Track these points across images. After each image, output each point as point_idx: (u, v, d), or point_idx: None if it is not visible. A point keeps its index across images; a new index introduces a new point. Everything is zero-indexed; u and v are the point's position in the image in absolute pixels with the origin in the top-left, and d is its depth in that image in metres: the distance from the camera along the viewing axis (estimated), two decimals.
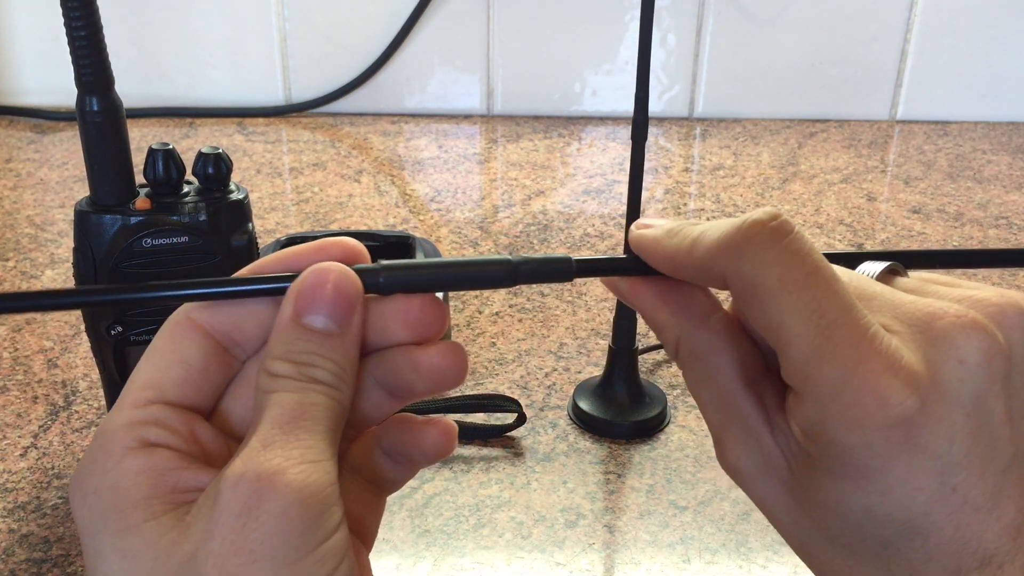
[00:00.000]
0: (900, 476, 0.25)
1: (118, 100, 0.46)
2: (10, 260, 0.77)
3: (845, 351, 0.24)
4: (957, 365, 0.25)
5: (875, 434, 0.24)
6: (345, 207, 0.88)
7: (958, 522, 0.25)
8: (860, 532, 0.26)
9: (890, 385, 0.24)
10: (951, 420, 0.25)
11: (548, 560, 0.48)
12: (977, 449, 0.25)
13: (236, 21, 1.08)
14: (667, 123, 1.10)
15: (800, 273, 0.25)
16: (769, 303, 0.25)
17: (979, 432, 0.25)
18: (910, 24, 1.08)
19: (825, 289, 0.25)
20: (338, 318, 0.26)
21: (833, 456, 0.25)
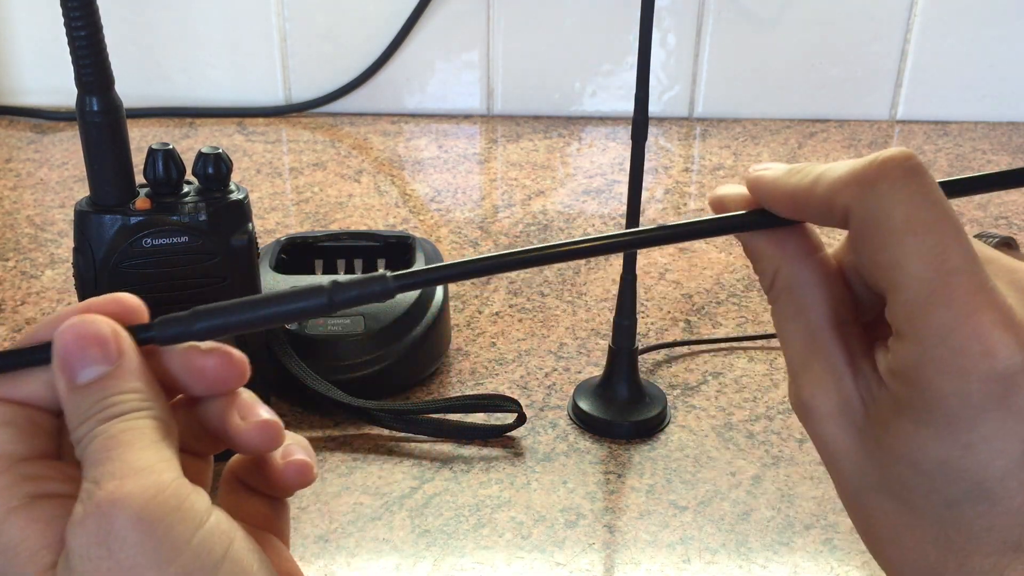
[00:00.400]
0: (987, 433, 0.25)
1: (118, 100, 0.46)
2: (10, 260, 0.77)
3: (962, 297, 0.24)
4: None
5: (974, 384, 0.24)
6: (345, 207, 0.88)
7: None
8: (929, 486, 0.26)
9: (1001, 338, 0.24)
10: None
11: (548, 560, 0.48)
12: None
13: (236, 21, 1.08)
14: (667, 123, 1.10)
15: (929, 215, 0.24)
16: (891, 240, 0.25)
17: None
18: (910, 24, 1.08)
19: (952, 235, 0.24)
20: (102, 358, 0.26)
21: (924, 402, 0.25)
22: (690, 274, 0.76)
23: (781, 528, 0.50)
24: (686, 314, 0.70)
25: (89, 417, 0.26)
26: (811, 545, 0.49)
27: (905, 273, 0.25)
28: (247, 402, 0.29)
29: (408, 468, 0.54)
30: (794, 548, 0.49)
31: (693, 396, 0.61)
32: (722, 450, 0.56)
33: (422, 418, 0.57)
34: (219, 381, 0.29)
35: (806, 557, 0.48)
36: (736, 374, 0.63)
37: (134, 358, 0.27)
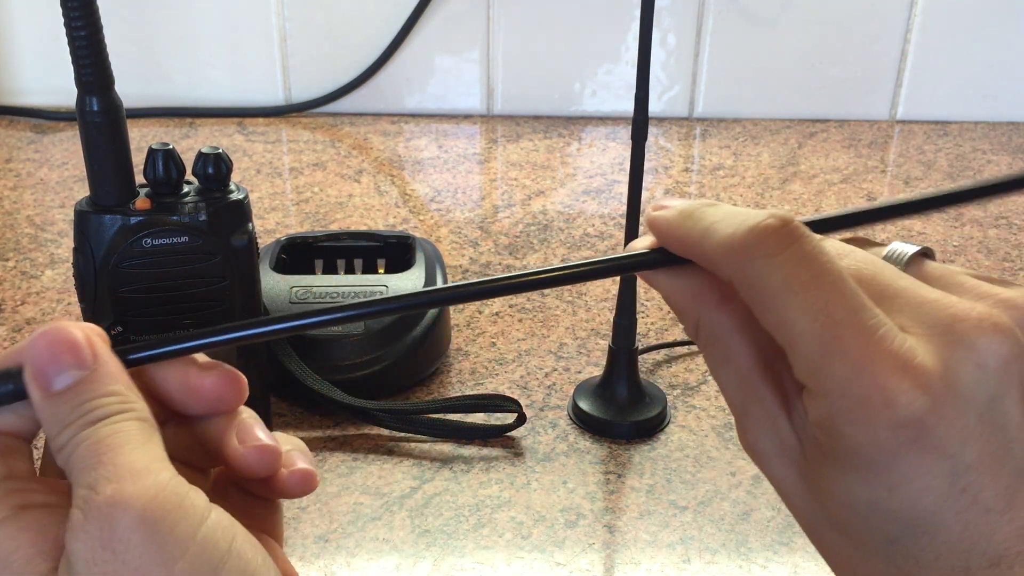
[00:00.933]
0: (908, 474, 0.25)
1: (118, 100, 0.46)
2: (10, 260, 0.77)
3: (853, 350, 0.24)
4: (975, 368, 0.25)
5: (883, 432, 0.24)
6: (345, 207, 0.88)
7: (967, 522, 0.25)
8: (866, 525, 0.26)
9: (899, 385, 0.24)
10: (964, 422, 0.25)
11: (548, 560, 0.48)
12: (990, 451, 0.25)
13: (236, 21, 1.08)
14: (667, 123, 1.10)
15: (807, 274, 0.25)
16: (775, 303, 0.25)
17: (993, 435, 0.25)
18: (910, 24, 1.08)
19: (832, 289, 0.25)
20: (77, 364, 0.26)
21: (843, 450, 0.25)
22: None
23: (781, 528, 0.50)
24: None
25: (70, 423, 0.26)
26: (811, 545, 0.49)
27: (795, 332, 0.25)
28: (246, 424, 0.29)
29: (408, 468, 0.54)
30: (794, 548, 0.49)
31: (693, 396, 0.61)
32: (722, 450, 0.56)
33: (422, 418, 0.57)
34: (217, 400, 0.29)
35: (806, 557, 0.48)
36: None
37: (111, 362, 0.27)
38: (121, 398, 0.27)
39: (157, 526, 0.24)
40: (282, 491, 0.30)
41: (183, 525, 0.25)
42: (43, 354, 0.26)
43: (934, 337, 0.25)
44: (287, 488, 0.30)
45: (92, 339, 0.27)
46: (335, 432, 0.57)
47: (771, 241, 0.25)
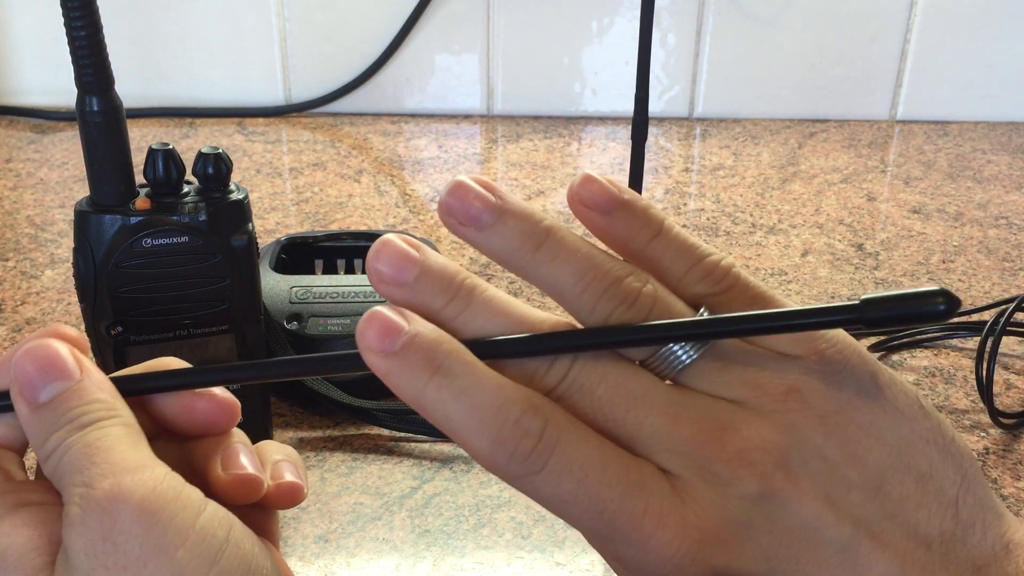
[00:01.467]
0: None
1: (118, 100, 0.46)
2: (10, 260, 0.77)
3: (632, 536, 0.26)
4: (739, 501, 0.26)
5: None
6: (345, 207, 0.88)
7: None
8: None
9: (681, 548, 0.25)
10: (756, 544, 0.26)
11: (548, 560, 0.48)
12: (802, 549, 0.26)
13: (236, 21, 1.08)
14: (667, 123, 1.10)
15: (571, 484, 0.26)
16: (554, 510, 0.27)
17: (794, 536, 0.26)
18: (910, 24, 1.08)
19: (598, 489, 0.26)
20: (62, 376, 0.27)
21: None
22: None
23: None
24: None
25: (58, 429, 0.26)
26: None
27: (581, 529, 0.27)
28: (232, 450, 0.30)
29: (408, 468, 0.54)
30: None
31: None
32: None
33: (422, 418, 0.57)
34: (208, 424, 0.29)
35: None
36: None
37: (95, 373, 0.28)
38: (107, 404, 0.27)
39: (157, 516, 0.25)
40: (269, 503, 0.30)
41: (182, 515, 0.25)
42: (29, 370, 0.27)
43: (695, 478, 0.26)
44: (273, 501, 0.30)
45: (76, 352, 0.28)
46: (335, 432, 0.57)
47: (530, 463, 0.26)
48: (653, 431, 0.26)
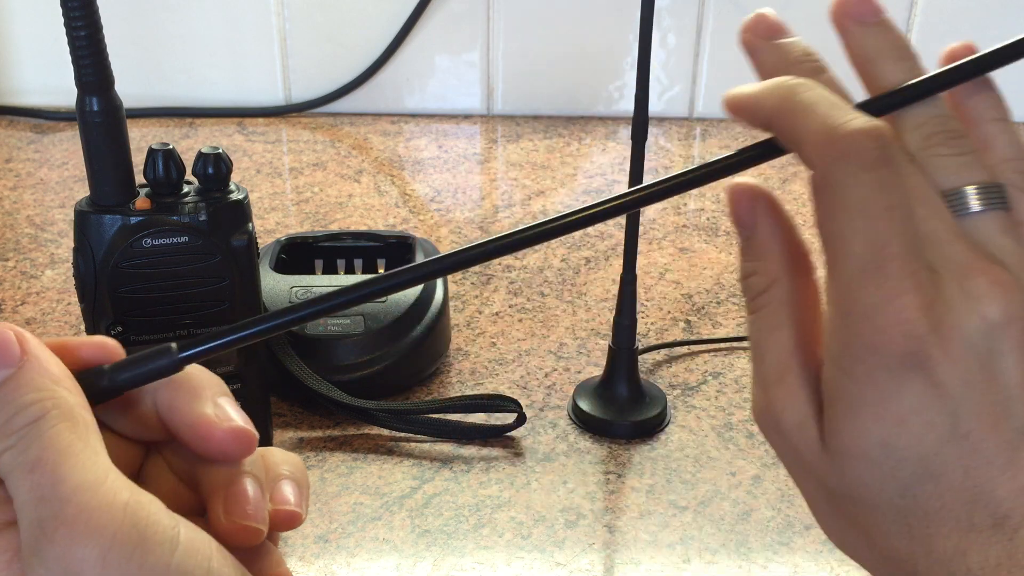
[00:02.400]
0: (914, 405, 0.26)
1: (118, 100, 0.46)
2: (10, 260, 0.77)
3: (890, 281, 0.26)
4: (980, 320, 0.26)
5: (894, 359, 0.26)
6: (345, 207, 0.88)
7: (967, 467, 0.27)
8: (880, 475, 0.27)
9: (918, 322, 0.26)
10: (966, 366, 0.26)
11: (548, 560, 0.48)
12: (990, 401, 0.27)
13: (236, 21, 1.08)
14: (667, 123, 1.10)
15: (881, 204, 0.26)
16: (843, 216, 0.26)
17: (993, 386, 0.27)
18: (910, 24, 1.08)
19: (898, 226, 0.26)
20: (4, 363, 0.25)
21: (857, 384, 0.27)
22: (690, 274, 0.76)
23: (781, 528, 0.50)
24: (686, 314, 0.70)
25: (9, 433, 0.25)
26: (811, 545, 0.49)
27: (847, 249, 0.26)
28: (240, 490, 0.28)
29: (408, 468, 0.54)
30: (794, 548, 0.49)
31: (693, 396, 0.61)
32: (722, 450, 0.56)
33: (422, 418, 0.57)
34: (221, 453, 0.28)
35: (806, 557, 0.48)
36: (736, 374, 0.63)
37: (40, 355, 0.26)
38: (46, 393, 0.25)
39: (127, 563, 0.23)
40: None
41: (153, 556, 0.23)
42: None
43: (953, 282, 0.27)
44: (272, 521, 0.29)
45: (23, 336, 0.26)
46: (335, 432, 0.57)
47: (867, 154, 0.26)
48: (935, 231, 0.27)
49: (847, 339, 0.27)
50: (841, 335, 0.27)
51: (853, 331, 0.26)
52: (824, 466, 0.29)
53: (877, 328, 0.26)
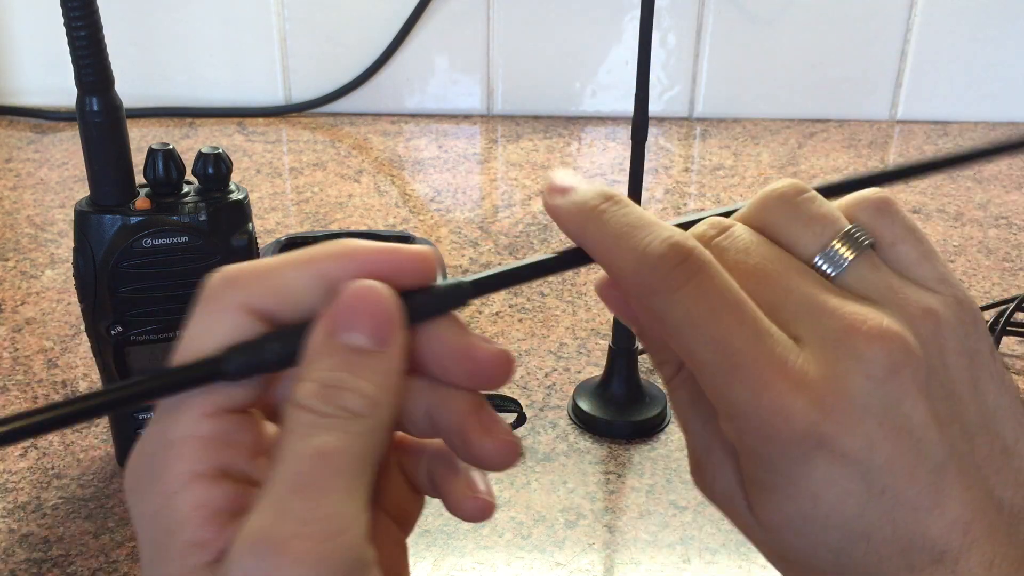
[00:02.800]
0: (823, 481, 0.26)
1: (118, 100, 0.46)
2: (10, 260, 0.77)
3: (751, 376, 0.25)
4: (864, 379, 0.26)
5: (788, 447, 0.26)
6: (345, 207, 0.88)
7: (895, 521, 0.26)
8: (809, 542, 0.27)
9: (794, 403, 0.25)
10: (865, 429, 0.26)
11: (548, 560, 0.48)
12: (900, 454, 0.26)
13: (236, 21, 1.08)
14: (667, 123, 1.10)
15: (706, 308, 0.26)
16: (678, 335, 0.26)
17: (900, 437, 0.26)
18: (910, 24, 1.08)
19: (731, 320, 0.26)
20: (376, 334, 0.24)
21: (762, 469, 0.27)
22: None
23: None
24: None
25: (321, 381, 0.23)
26: None
27: (698, 360, 0.26)
28: (492, 415, 0.27)
29: None
30: None
31: None
32: None
33: None
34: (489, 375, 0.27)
35: None
36: None
37: (400, 355, 0.25)
38: (377, 402, 0.24)
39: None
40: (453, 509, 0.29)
41: None
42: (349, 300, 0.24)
43: (827, 348, 0.26)
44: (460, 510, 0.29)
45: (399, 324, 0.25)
46: None
47: (672, 276, 0.26)
48: (800, 299, 0.27)
49: (738, 436, 0.27)
50: (734, 436, 0.27)
51: (741, 428, 0.26)
52: (758, 534, 0.29)
53: (760, 422, 0.25)
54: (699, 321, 0.26)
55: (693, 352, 0.26)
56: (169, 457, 0.24)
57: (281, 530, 0.22)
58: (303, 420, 0.23)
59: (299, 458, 0.23)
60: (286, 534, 0.22)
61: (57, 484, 0.52)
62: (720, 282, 0.26)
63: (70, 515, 0.50)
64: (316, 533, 0.22)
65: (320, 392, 0.23)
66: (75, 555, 0.47)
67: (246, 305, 0.25)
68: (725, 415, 0.27)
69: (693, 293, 0.26)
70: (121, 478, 0.52)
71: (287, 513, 0.22)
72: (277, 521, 0.22)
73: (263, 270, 0.25)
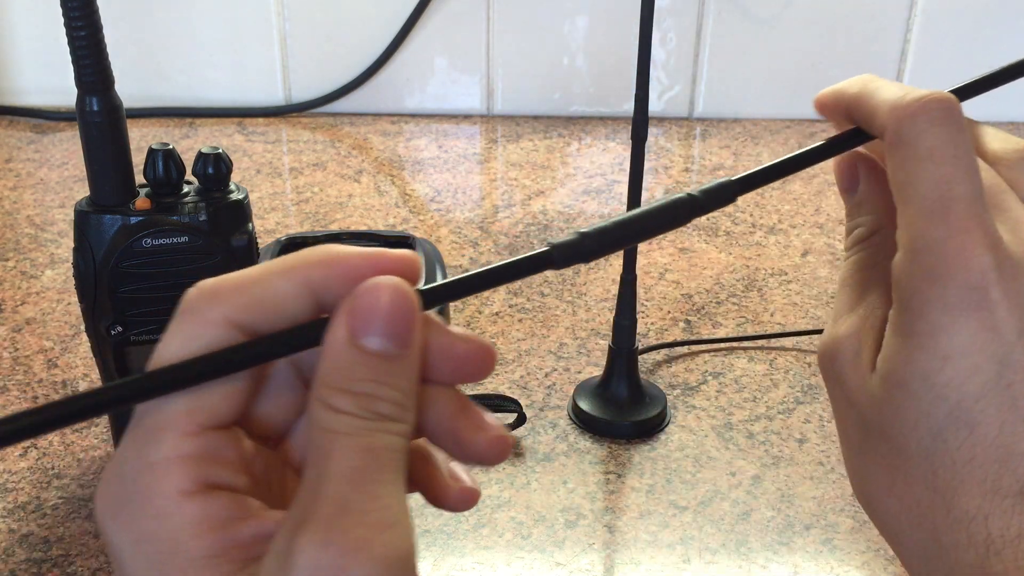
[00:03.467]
0: (963, 344, 0.27)
1: (118, 100, 0.46)
2: (10, 260, 0.77)
3: (955, 219, 0.27)
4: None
5: (952, 291, 0.27)
6: (345, 207, 0.88)
7: (1003, 422, 0.27)
8: (916, 408, 0.28)
9: (981, 256, 0.27)
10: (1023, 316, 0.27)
11: (548, 560, 0.48)
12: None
13: (236, 21, 1.08)
14: (667, 123, 1.10)
15: (951, 150, 0.28)
16: (913, 163, 0.28)
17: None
18: (910, 24, 1.08)
19: (964, 171, 0.28)
20: (399, 338, 0.24)
21: (911, 311, 0.28)
22: (690, 274, 0.76)
23: (781, 528, 0.50)
24: (686, 314, 0.70)
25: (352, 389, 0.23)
26: (811, 545, 0.49)
27: (916, 192, 0.28)
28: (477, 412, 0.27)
29: None
30: (794, 548, 0.49)
31: (693, 396, 0.61)
32: (722, 450, 0.56)
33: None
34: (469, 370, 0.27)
35: (806, 557, 0.48)
36: (736, 374, 0.63)
37: (419, 355, 0.25)
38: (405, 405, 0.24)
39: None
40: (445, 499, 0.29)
41: None
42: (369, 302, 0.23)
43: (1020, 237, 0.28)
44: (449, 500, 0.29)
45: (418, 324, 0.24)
46: None
47: (937, 111, 0.28)
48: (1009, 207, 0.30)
49: (911, 272, 0.28)
50: (906, 270, 0.28)
51: (916, 262, 0.28)
52: (866, 396, 0.29)
53: (939, 260, 0.27)
54: (939, 158, 0.28)
55: (916, 183, 0.28)
56: (154, 479, 0.23)
57: (344, 522, 0.22)
58: (345, 422, 0.23)
59: (352, 454, 0.23)
60: (350, 525, 0.22)
61: (57, 484, 0.52)
62: (967, 139, 0.29)
63: (70, 515, 0.50)
64: (377, 522, 0.22)
65: (356, 401, 0.23)
66: (75, 555, 0.47)
67: (228, 319, 0.24)
68: (910, 248, 0.28)
69: (950, 132, 0.28)
70: None
71: (347, 506, 0.22)
72: (338, 514, 0.22)
73: (245, 282, 0.24)
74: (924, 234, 0.28)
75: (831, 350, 0.31)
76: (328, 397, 0.23)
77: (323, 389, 0.24)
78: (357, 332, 0.23)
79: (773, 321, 0.70)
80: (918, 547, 0.29)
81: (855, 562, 0.48)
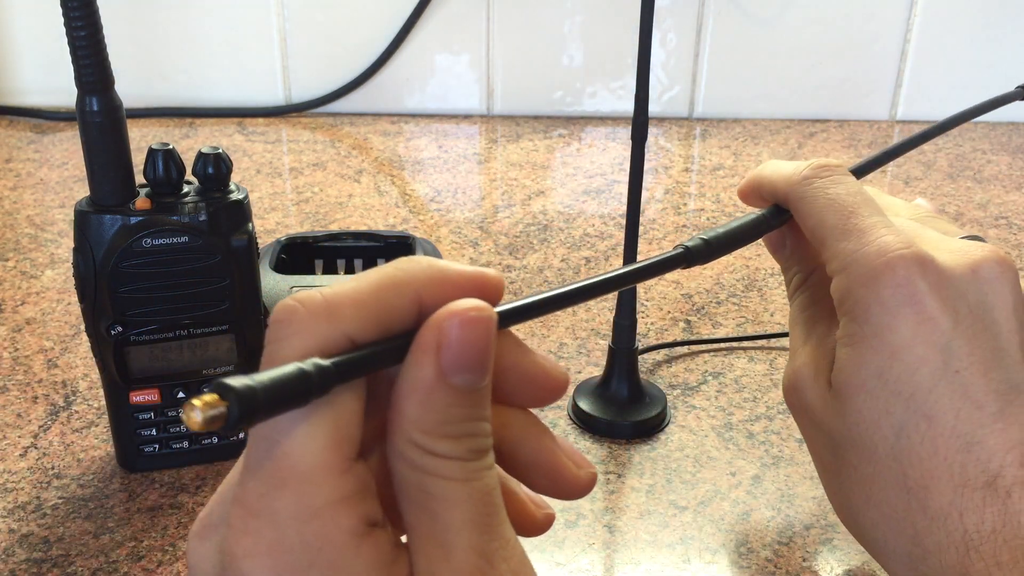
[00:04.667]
0: (907, 337, 0.29)
1: (118, 100, 0.46)
2: (10, 260, 0.77)
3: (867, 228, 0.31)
4: (970, 271, 0.30)
5: (885, 289, 0.29)
6: (345, 207, 0.88)
7: (958, 410, 0.28)
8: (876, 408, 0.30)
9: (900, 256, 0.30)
10: (955, 306, 0.29)
11: (548, 560, 0.48)
12: (980, 346, 0.29)
13: (236, 21, 1.08)
14: (667, 123, 1.10)
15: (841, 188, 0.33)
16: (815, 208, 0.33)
17: (984, 334, 0.29)
18: (910, 24, 1.08)
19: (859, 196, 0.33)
20: (483, 369, 0.23)
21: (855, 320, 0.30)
22: (690, 274, 0.76)
23: (781, 528, 0.50)
24: (686, 314, 0.70)
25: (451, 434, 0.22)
26: (811, 545, 0.49)
27: (825, 225, 0.33)
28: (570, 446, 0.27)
29: None
30: (794, 548, 0.49)
31: (693, 396, 0.61)
32: (722, 450, 0.56)
33: None
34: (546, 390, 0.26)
35: (806, 557, 0.48)
36: (736, 374, 0.63)
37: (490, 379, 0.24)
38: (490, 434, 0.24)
39: None
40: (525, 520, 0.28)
41: None
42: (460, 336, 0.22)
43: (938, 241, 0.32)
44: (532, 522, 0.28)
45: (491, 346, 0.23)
46: None
47: (826, 171, 0.34)
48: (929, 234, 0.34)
49: (847, 286, 0.31)
50: (843, 286, 0.31)
51: (849, 278, 0.30)
52: (830, 411, 0.32)
53: (865, 266, 0.30)
54: (833, 194, 0.33)
55: (823, 219, 0.33)
56: (322, 526, 0.22)
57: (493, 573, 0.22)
58: (454, 469, 0.23)
59: (474, 500, 0.22)
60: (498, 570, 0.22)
61: (57, 484, 0.52)
62: (852, 179, 0.34)
63: (70, 515, 0.50)
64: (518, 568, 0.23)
65: (459, 444, 0.23)
66: (75, 555, 0.47)
67: (347, 335, 0.23)
68: (840, 269, 0.31)
69: (838, 182, 0.34)
70: (121, 477, 0.52)
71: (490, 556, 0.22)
72: (487, 566, 0.22)
73: (362, 297, 0.23)
74: (845, 252, 0.31)
75: (792, 381, 0.34)
76: (429, 444, 0.22)
77: (419, 435, 0.22)
78: (449, 372, 0.22)
79: (773, 321, 0.70)
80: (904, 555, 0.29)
81: (855, 562, 0.48)
